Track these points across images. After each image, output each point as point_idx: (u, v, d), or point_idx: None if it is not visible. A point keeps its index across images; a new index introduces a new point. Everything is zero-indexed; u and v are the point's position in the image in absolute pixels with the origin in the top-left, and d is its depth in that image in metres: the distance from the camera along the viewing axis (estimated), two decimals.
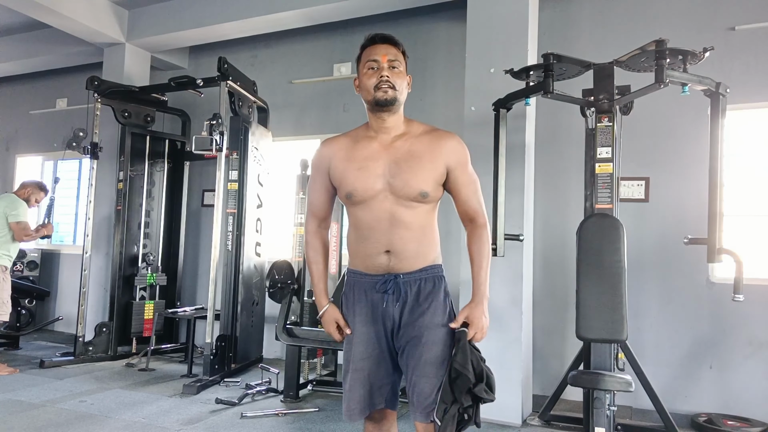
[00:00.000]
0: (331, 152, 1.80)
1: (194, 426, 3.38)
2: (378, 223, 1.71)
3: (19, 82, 7.28)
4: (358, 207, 1.73)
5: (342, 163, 1.76)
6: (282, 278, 4.18)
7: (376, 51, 1.71)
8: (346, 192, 1.73)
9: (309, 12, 4.92)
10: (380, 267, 1.73)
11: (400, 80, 1.71)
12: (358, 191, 1.71)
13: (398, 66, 1.71)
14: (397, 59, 1.71)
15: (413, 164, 1.70)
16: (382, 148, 1.74)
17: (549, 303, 4.28)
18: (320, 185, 1.85)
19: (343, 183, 1.74)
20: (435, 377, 1.66)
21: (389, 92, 1.67)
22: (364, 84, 1.72)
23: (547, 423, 3.56)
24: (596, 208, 2.97)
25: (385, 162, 1.71)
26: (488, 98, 3.53)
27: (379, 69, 1.69)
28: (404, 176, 1.69)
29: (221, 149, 4.51)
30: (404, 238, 1.71)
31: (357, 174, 1.72)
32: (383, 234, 1.70)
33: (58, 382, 4.28)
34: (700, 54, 2.88)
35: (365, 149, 1.75)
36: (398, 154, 1.72)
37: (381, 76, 1.67)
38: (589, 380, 2.64)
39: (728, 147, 3.24)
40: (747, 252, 3.31)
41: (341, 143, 1.80)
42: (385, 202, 1.70)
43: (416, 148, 1.73)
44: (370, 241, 1.72)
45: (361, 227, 1.75)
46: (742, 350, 3.78)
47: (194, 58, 6.31)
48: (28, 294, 6.06)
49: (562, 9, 4.48)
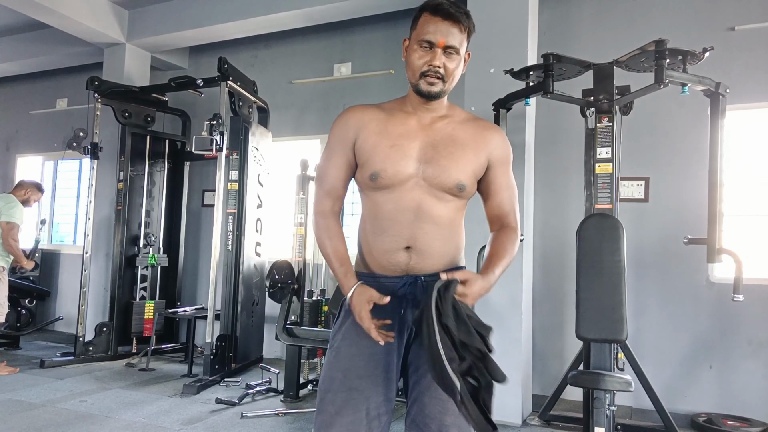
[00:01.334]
0: (361, 122, 1.51)
1: (194, 426, 3.38)
2: (401, 214, 1.46)
3: (19, 82, 7.28)
4: (381, 192, 1.47)
5: (373, 136, 1.48)
6: (282, 278, 4.18)
7: (436, 29, 1.41)
8: (371, 172, 1.46)
9: (309, 12, 4.92)
10: (398, 266, 1.48)
11: (454, 66, 1.45)
12: (387, 173, 1.45)
13: (456, 52, 1.43)
14: (457, 44, 1.43)
15: (454, 151, 1.47)
16: (420, 127, 1.50)
17: (549, 303, 4.28)
18: (341, 159, 1.53)
19: (370, 161, 1.47)
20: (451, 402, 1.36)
21: (436, 85, 1.44)
22: (411, 62, 1.45)
23: (547, 423, 3.56)
24: (596, 208, 2.97)
25: (422, 144, 1.47)
26: (488, 98, 3.53)
27: (432, 53, 1.42)
28: (443, 162, 1.46)
29: (221, 149, 4.52)
30: (430, 233, 1.47)
31: (388, 152, 1.45)
32: (406, 227, 1.46)
33: (58, 382, 4.29)
34: (700, 54, 2.88)
35: (401, 125, 1.49)
36: (437, 136, 1.49)
37: (432, 64, 1.42)
38: (589, 380, 2.64)
39: (728, 147, 3.24)
40: (747, 252, 3.31)
41: (374, 113, 1.52)
42: (415, 190, 1.46)
43: (459, 134, 1.50)
44: (389, 234, 1.47)
45: (380, 217, 1.48)
46: (741, 350, 3.79)
47: (194, 58, 6.31)
48: (28, 294, 6.06)
49: (562, 9, 4.49)
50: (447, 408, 1.42)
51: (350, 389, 1.44)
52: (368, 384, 1.45)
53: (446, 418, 1.44)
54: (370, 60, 5.28)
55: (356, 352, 1.47)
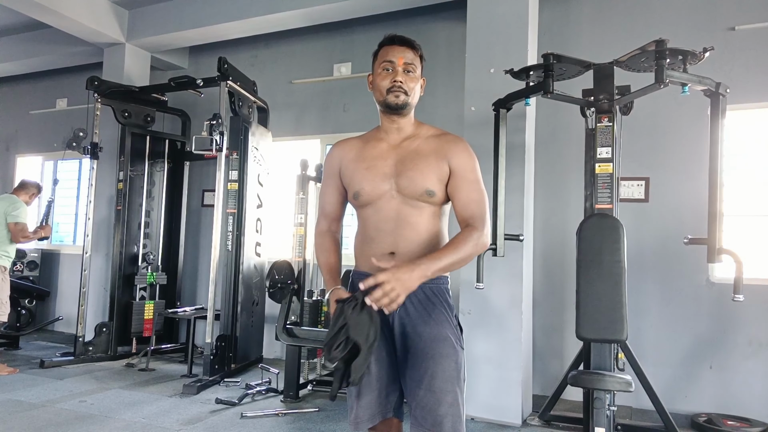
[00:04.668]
0: (342, 153, 1.80)
1: (194, 426, 3.38)
2: (384, 224, 1.68)
3: (19, 82, 7.28)
4: (366, 208, 1.71)
5: (352, 163, 1.75)
6: (282, 278, 4.18)
7: (393, 52, 1.70)
8: (354, 191, 1.72)
9: (309, 12, 4.92)
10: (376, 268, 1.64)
11: (414, 84, 1.71)
12: (365, 190, 1.69)
13: (413, 70, 1.71)
14: (413, 63, 1.71)
15: (419, 162, 1.69)
16: (390, 148, 1.74)
17: (549, 303, 4.28)
18: (332, 186, 1.83)
19: (351, 183, 1.73)
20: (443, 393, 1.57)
21: (401, 97, 1.68)
22: (377, 84, 1.72)
23: (547, 423, 3.56)
24: (596, 208, 2.97)
25: (393, 161, 1.71)
26: (488, 98, 3.53)
27: (393, 72, 1.69)
28: (409, 173, 1.67)
29: (221, 149, 4.51)
30: (409, 239, 1.66)
31: (365, 173, 1.71)
32: (389, 235, 1.67)
33: (58, 382, 4.28)
34: (700, 54, 2.88)
35: (374, 149, 1.75)
36: (405, 153, 1.72)
37: (395, 80, 1.67)
38: (589, 380, 2.64)
39: (728, 147, 3.24)
40: (747, 252, 3.31)
41: (352, 144, 1.80)
42: (392, 202, 1.68)
43: (423, 147, 1.72)
44: (376, 242, 1.69)
45: (368, 228, 1.72)
46: (741, 350, 3.79)
47: (194, 58, 6.31)
48: (28, 294, 6.05)
49: (562, 9, 4.49)
50: (440, 399, 1.57)
51: None
52: (377, 367, 1.63)
53: (440, 408, 1.57)
54: (370, 60, 5.25)
55: None
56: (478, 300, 3.69)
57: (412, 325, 1.65)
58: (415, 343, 1.63)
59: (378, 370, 1.64)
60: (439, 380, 1.58)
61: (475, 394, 3.54)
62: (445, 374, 1.58)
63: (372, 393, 1.64)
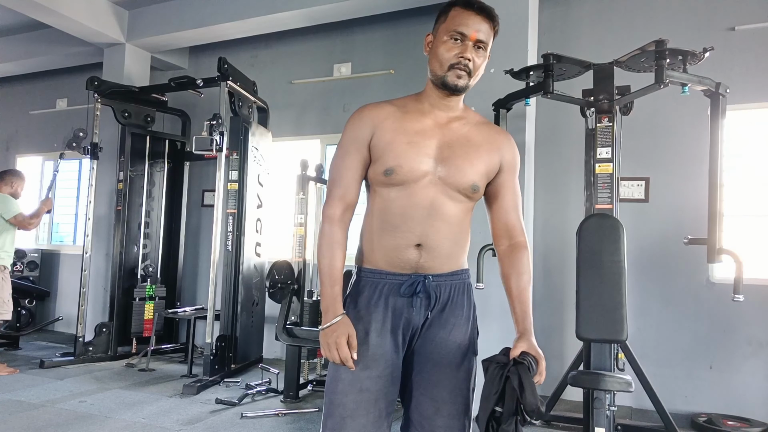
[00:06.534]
0: (376, 118, 1.47)
1: (194, 426, 3.38)
2: (414, 211, 1.43)
3: (19, 82, 7.27)
4: (394, 189, 1.45)
5: (389, 133, 1.45)
6: (282, 278, 4.18)
7: (468, 21, 1.41)
8: (386, 167, 1.43)
9: (309, 12, 4.92)
10: (407, 264, 1.45)
11: (481, 62, 1.46)
12: (403, 169, 1.42)
13: (484, 48, 1.46)
14: (486, 40, 1.45)
15: (469, 151, 1.47)
16: (436, 126, 1.48)
17: (549, 303, 4.28)
18: (356, 158, 1.47)
19: (384, 156, 1.44)
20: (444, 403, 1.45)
21: (463, 79, 1.43)
22: (439, 53, 1.44)
23: (547, 423, 3.56)
24: (596, 208, 2.97)
25: (437, 142, 1.46)
26: (488, 98, 3.53)
27: (463, 46, 1.41)
28: (458, 162, 1.45)
29: (221, 149, 4.51)
30: (441, 232, 1.45)
31: (405, 148, 1.43)
32: (418, 224, 1.44)
33: (58, 382, 4.28)
34: (700, 54, 2.88)
35: (417, 123, 1.47)
36: (453, 136, 1.48)
37: (462, 56, 1.41)
38: (589, 380, 2.63)
39: (728, 147, 3.24)
40: (747, 252, 3.31)
41: (388, 111, 1.49)
42: (429, 188, 1.44)
43: (474, 135, 1.50)
44: (400, 231, 1.44)
45: (391, 213, 1.45)
46: (742, 350, 3.78)
47: (194, 58, 6.31)
48: (28, 294, 6.05)
49: (562, 9, 4.48)
50: (440, 410, 1.46)
51: (361, 390, 1.41)
52: (381, 384, 1.43)
53: (438, 419, 1.46)
54: (370, 60, 5.28)
55: (363, 352, 1.42)
56: (478, 300, 3.63)
57: (434, 327, 1.49)
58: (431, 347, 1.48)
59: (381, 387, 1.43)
60: (444, 390, 1.46)
61: (475, 394, 3.54)
62: (451, 384, 1.47)
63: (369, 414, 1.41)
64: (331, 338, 1.39)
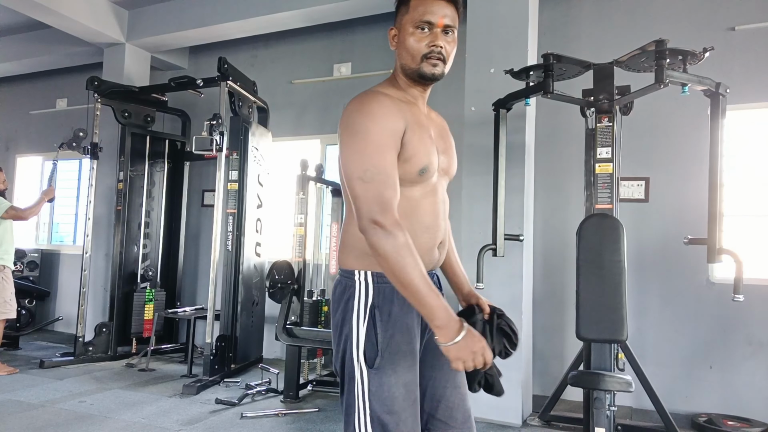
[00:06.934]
0: (403, 111, 1.35)
1: (194, 426, 3.38)
2: (438, 207, 1.41)
3: (19, 82, 7.28)
4: (420, 187, 1.37)
5: (416, 128, 1.36)
6: (282, 278, 4.18)
7: (433, 9, 1.35)
8: (421, 166, 1.34)
9: (309, 12, 4.92)
10: (431, 263, 1.42)
11: (452, 48, 1.40)
12: (433, 166, 1.37)
13: (453, 32, 1.39)
14: (453, 24, 1.38)
15: (451, 141, 1.50)
16: (425, 118, 1.44)
17: (549, 303, 4.28)
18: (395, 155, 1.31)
19: (418, 154, 1.34)
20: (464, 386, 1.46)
21: (439, 67, 1.37)
22: (409, 46, 1.37)
23: (547, 423, 3.56)
24: (596, 208, 2.97)
25: (434, 134, 1.44)
26: (488, 98, 3.53)
27: (432, 34, 1.36)
28: (451, 152, 1.47)
29: (221, 149, 4.52)
30: (448, 225, 1.47)
31: (430, 143, 1.37)
32: (441, 221, 1.42)
33: (58, 382, 4.28)
34: (700, 54, 2.88)
35: (418, 114, 1.41)
36: (437, 127, 1.47)
37: (434, 45, 1.35)
38: (589, 380, 2.64)
39: (728, 147, 3.24)
40: (747, 252, 3.31)
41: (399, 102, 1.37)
42: (439, 183, 1.43)
43: (443, 123, 1.53)
44: (432, 231, 1.39)
45: (422, 213, 1.38)
46: (742, 350, 3.78)
47: (194, 58, 6.31)
48: (28, 294, 6.05)
49: (562, 9, 4.48)
50: (464, 393, 1.49)
51: (414, 402, 1.35)
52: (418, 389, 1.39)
53: (466, 403, 1.49)
54: (370, 60, 5.28)
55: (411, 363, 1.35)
56: None
57: None
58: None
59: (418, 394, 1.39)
60: (461, 375, 1.46)
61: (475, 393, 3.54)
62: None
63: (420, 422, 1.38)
64: (477, 346, 1.27)
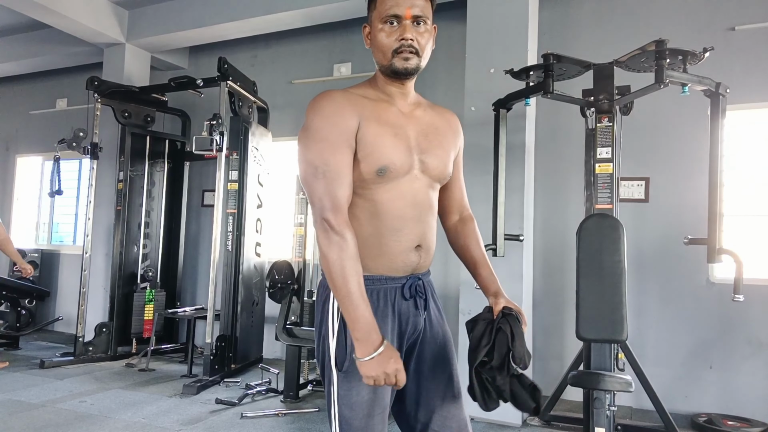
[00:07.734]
0: (359, 108, 1.32)
1: (194, 426, 3.38)
2: (409, 210, 1.35)
3: (19, 82, 7.27)
4: (385, 188, 1.33)
5: (374, 125, 1.31)
6: (282, 278, 4.18)
7: (398, 1, 1.30)
8: (380, 165, 1.29)
9: (309, 12, 4.92)
10: (408, 267, 1.38)
11: (425, 40, 1.33)
12: (396, 165, 1.31)
13: (425, 22, 1.32)
14: (423, 13, 1.31)
15: (442, 140, 1.42)
16: (402, 115, 1.38)
17: (549, 303, 4.28)
18: (348, 154, 1.29)
19: (375, 153, 1.29)
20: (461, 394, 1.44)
21: (412, 61, 1.32)
22: (379, 42, 1.33)
23: (547, 423, 3.56)
24: (596, 208, 2.97)
25: (412, 132, 1.37)
26: (488, 98, 3.53)
27: (401, 27, 1.31)
28: (437, 152, 1.39)
29: (221, 149, 4.52)
30: (432, 228, 1.41)
31: (393, 142, 1.32)
32: (416, 224, 1.36)
33: (58, 382, 4.28)
34: (700, 54, 2.88)
35: (388, 113, 1.36)
36: (423, 125, 1.40)
37: (403, 38, 1.30)
38: (589, 380, 2.64)
39: (728, 147, 3.24)
40: (747, 252, 3.31)
41: (358, 101, 1.34)
42: (415, 183, 1.36)
43: (436, 121, 1.45)
44: (401, 234, 1.34)
45: (388, 216, 1.33)
46: (742, 350, 3.78)
47: (194, 58, 6.31)
48: (28, 294, 6.04)
49: (562, 9, 4.48)
50: (460, 403, 1.44)
51: (384, 408, 1.34)
52: (389, 397, 1.36)
53: (462, 412, 1.44)
54: (370, 60, 5.17)
55: None
56: (477, 300, 3.66)
57: (431, 326, 1.44)
58: (431, 347, 1.43)
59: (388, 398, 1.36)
60: (457, 383, 1.44)
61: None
62: (458, 376, 1.45)
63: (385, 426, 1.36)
64: (389, 366, 1.23)
